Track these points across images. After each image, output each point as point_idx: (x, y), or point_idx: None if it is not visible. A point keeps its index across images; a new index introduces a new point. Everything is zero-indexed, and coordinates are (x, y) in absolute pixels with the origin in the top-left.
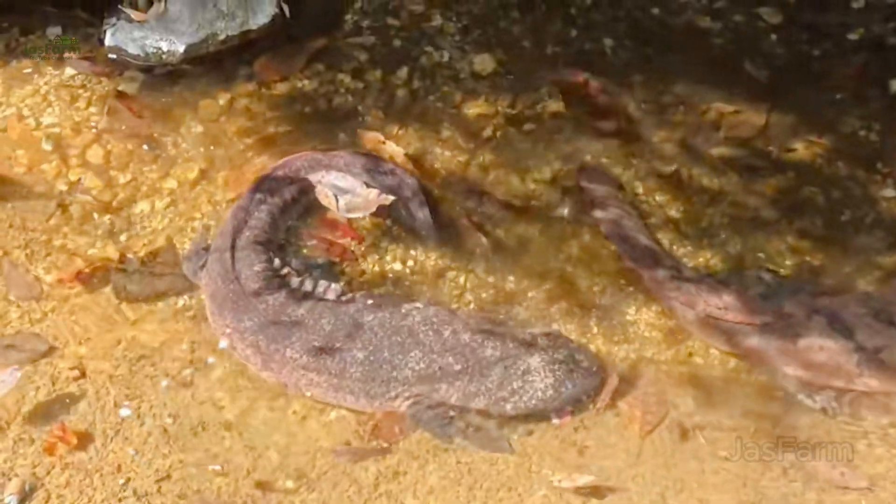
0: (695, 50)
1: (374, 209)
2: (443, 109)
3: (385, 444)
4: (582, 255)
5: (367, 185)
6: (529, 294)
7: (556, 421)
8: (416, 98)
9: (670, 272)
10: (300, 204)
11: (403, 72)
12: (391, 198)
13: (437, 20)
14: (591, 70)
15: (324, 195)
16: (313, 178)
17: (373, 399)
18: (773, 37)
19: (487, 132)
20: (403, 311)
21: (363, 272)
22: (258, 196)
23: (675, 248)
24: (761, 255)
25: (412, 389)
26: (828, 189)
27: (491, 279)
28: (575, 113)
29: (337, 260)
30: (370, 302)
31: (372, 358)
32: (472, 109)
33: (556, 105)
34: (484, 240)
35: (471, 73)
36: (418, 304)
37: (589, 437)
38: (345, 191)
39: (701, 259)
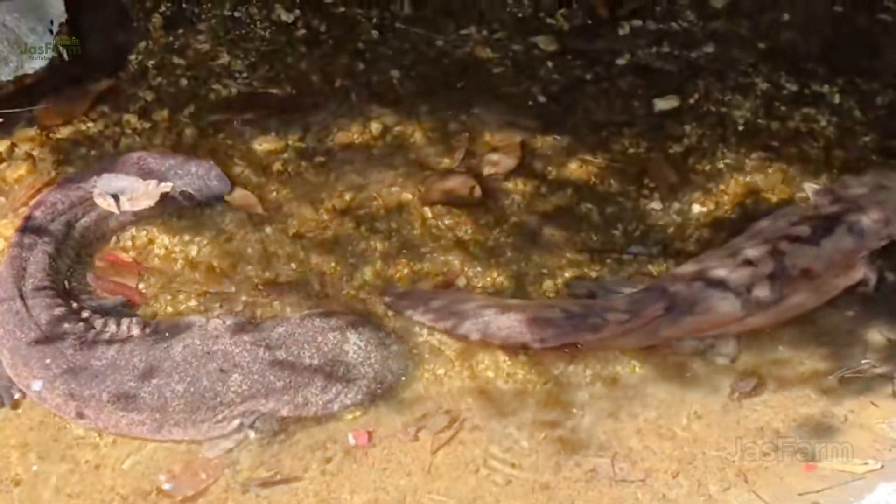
0: (477, 79)
1: (157, 198)
2: (232, 146)
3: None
4: (374, 280)
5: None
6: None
7: (353, 441)
8: (205, 136)
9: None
10: (73, 237)
11: (191, 110)
12: (170, 184)
13: (225, 58)
14: (379, 102)
15: (102, 199)
16: (87, 188)
17: (201, 424)
18: (550, 64)
19: (278, 166)
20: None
21: (155, 313)
22: (27, 240)
23: (465, 269)
24: (544, 270)
25: (239, 408)
26: (602, 205)
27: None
28: (365, 143)
29: (126, 300)
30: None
31: (192, 388)
32: (263, 145)
33: (345, 137)
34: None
35: None
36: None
37: (382, 456)
38: (122, 189)
39: (488, 279)
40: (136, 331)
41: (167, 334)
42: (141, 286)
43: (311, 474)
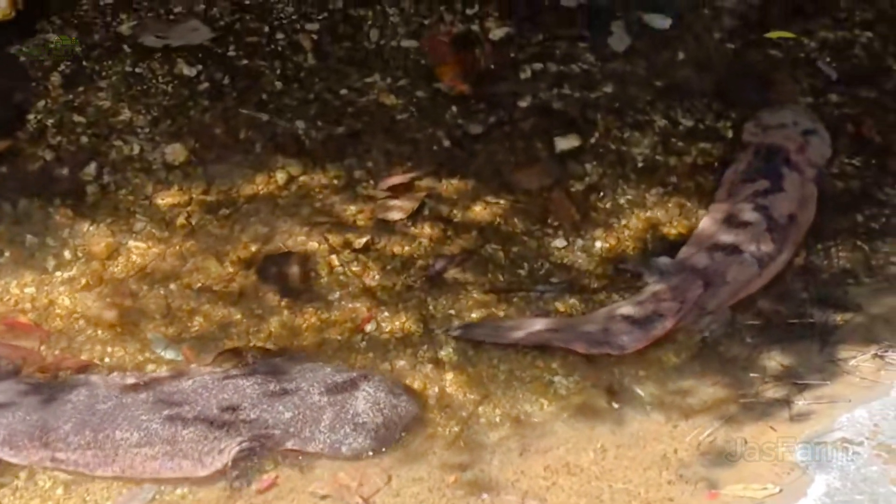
0: (382, 126)
1: None
2: (135, 201)
3: None
4: (281, 331)
5: None
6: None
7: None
8: (107, 192)
9: None
10: None
11: (92, 168)
12: None
13: (126, 114)
14: (283, 152)
15: None
16: None
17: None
18: (454, 108)
19: (181, 220)
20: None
21: (57, 376)
22: None
23: (372, 312)
24: (452, 311)
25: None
26: (507, 245)
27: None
28: (270, 193)
29: (21, 363)
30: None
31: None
32: (166, 199)
33: (250, 188)
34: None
35: (163, 164)
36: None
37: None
38: None
39: (397, 323)
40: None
41: (60, 393)
42: (42, 348)
43: None
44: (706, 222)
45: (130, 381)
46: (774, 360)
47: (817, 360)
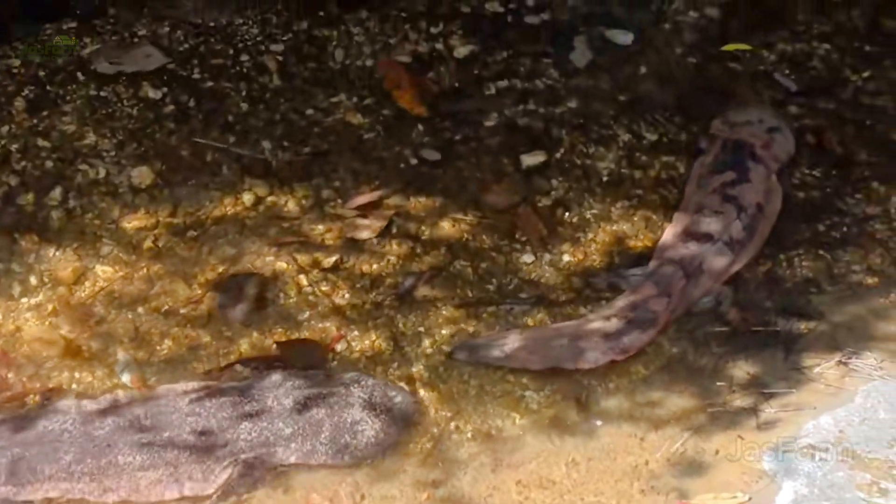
0: (349, 145)
1: None
2: (101, 225)
3: None
4: (250, 353)
5: None
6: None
7: None
8: (73, 217)
9: None
10: None
11: (57, 192)
12: None
13: (91, 137)
14: (250, 173)
15: None
16: None
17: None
18: (420, 127)
19: (149, 243)
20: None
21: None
22: None
23: (342, 331)
24: (421, 329)
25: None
26: (476, 261)
27: None
28: (237, 215)
29: None
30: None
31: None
32: (132, 223)
33: (217, 210)
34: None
35: (129, 187)
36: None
37: None
38: None
39: (367, 342)
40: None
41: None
42: (9, 375)
43: None
44: (678, 216)
45: (100, 406)
46: (741, 369)
47: (783, 368)
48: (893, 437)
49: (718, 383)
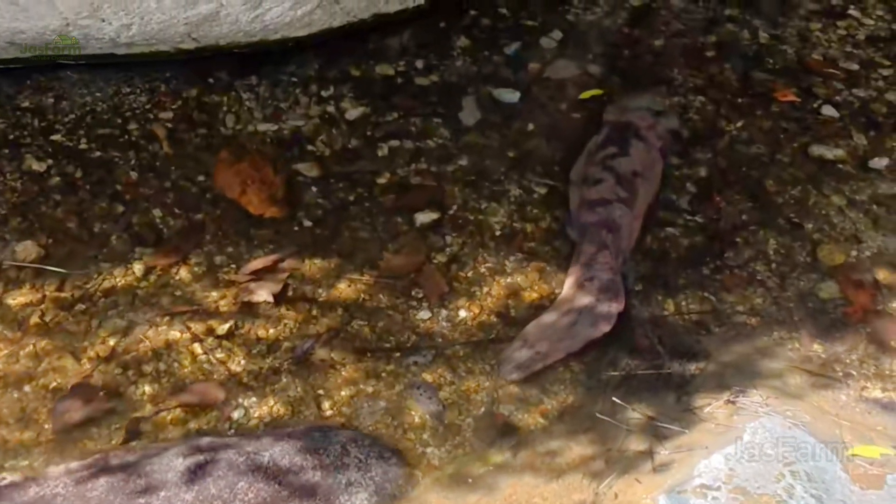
0: (238, 210)
1: None
2: None
3: None
4: (144, 427)
5: None
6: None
7: None
8: None
9: None
10: None
11: None
12: None
13: None
14: (141, 243)
15: None
16: None
17: None
18: (314, 189)
19: (35, 319)
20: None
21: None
22: None
23: (241, 401)
24: (321, 391)
25: None
26: (373, 320)
27: None
28: (128, 285)
29: None
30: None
31: None
32: (17, 299)
33: (107, 282)
34: None
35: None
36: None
37: None
38: None
39: (265, 408)
40: None
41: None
42: None
43: None
44: (572, 189)
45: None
46: (636, 412)
47: (676, 409)
48: (780, 471)
49: (615, 427)
